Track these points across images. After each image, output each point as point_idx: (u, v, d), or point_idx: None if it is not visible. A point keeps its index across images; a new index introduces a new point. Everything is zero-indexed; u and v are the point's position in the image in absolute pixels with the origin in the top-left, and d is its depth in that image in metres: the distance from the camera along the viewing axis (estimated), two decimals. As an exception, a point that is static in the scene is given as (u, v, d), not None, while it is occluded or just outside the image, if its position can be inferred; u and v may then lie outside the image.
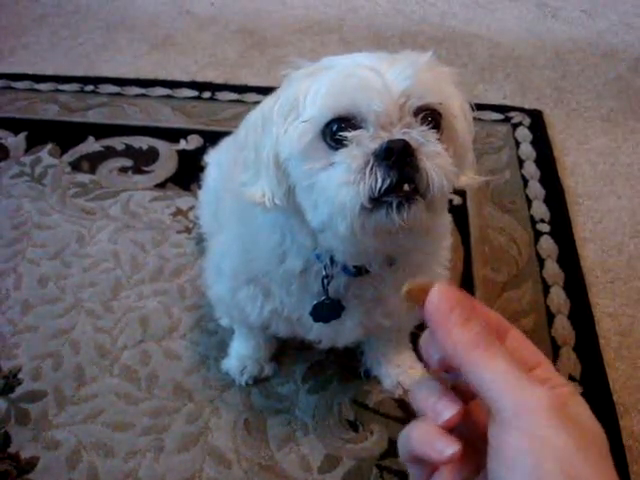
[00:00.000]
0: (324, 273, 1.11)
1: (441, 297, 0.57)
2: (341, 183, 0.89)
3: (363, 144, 0.89)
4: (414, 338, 1.59)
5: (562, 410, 0.51)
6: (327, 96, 0.91)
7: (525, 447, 0.50)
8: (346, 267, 1.10)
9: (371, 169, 0.88)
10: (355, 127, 0.91)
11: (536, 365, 0.57)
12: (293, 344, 1.59)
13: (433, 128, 0.92)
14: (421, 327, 1.51)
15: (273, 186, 1.00)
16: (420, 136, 0.89)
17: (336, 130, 0.91)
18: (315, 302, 1.17)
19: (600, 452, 0.51)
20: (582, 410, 0.54)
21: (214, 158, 1.72)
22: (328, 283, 1.12)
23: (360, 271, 1.11)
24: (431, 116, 0.93)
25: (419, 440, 0.56)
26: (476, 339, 0.55)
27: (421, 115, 0.92)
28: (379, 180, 0.88)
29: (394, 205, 0.89)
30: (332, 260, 1.09)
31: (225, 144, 1.68)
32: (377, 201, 0.89)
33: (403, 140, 0.88)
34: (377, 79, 0.90)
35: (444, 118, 0.95)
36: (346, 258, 1.07)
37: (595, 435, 0.53)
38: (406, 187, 0.88)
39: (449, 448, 0.54)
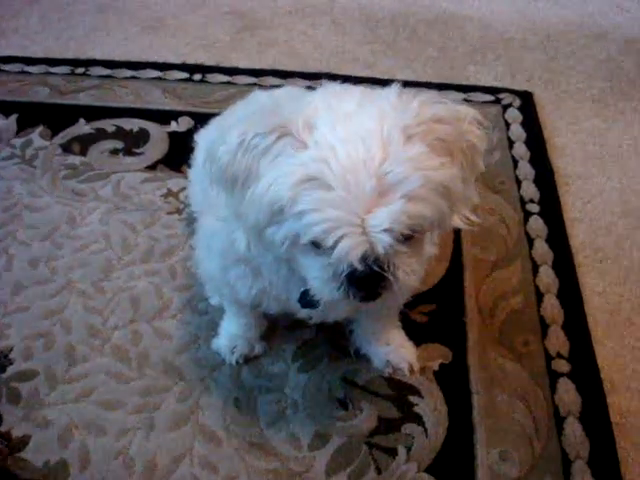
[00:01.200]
0: None
1: None
2: (319, 284, 1.03)
3: (339, 264, 0.97)
4: (403, 317, 1.60)
5: None
6: (313, 229, 0.92)
7: None
8: None
9: (345, 288, 1.00)
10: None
11: None
12: (283, 323, 1.60)
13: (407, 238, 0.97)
14: (409, 305, 1.53)
15: (252, 240, 1.09)
16: (393, 260, 0.97)
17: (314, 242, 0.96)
18: (302, 289, 1.19)
19: None
20: None
21: (204, 137, 1.72)
22: None
23: None
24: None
25: None
26: None
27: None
28: (351, 296, 1.01)
29: (363, 302, 1.06)
30: None
31: (215, 123, 1.69)
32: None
33: (374, 272, 0.97)
34: (361, 232, 0.91)
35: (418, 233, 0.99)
36: None
37: None
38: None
39: None
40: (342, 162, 0.90)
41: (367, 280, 0.98)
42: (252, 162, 0.98)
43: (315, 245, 0.96)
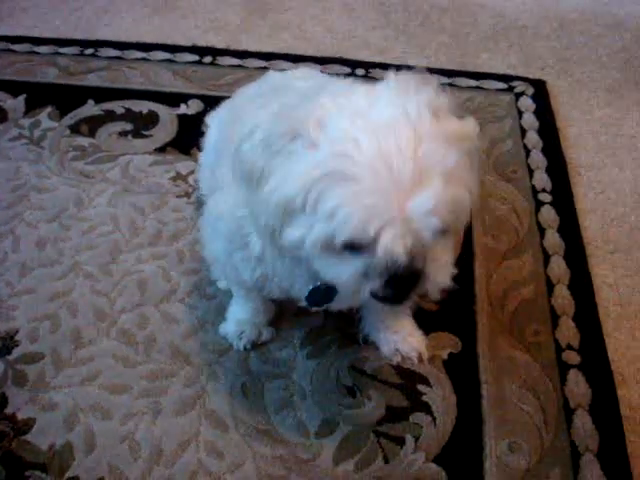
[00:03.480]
0: None
1: None
2: (352, 281, 0.98)
3: (379, 260, 0.92)
4: (413, 305, 1.58)
5: None
6: (349, 226, 0.89)
7: None
8: None
9: (380, 283, 0.96)
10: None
11: None
12: (291, 309, 1.59)
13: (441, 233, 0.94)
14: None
15: (266, 244, 1.10)
16: (431, 255, 0.95)
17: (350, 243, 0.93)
18: (311, 287, 1.19)
19: None
20: None
21: (214, 119, 1.71)
22: None
23: None
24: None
25: None
26: None
27: None
28: (385, 294, 0.99)
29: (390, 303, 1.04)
30: None
31: (225, 105, 1.68)
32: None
33: (415, 269, 0.94)
34: (398, 223, 0.88)
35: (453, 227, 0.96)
36: None
37: None
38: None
39: None
40: (368, 152, 0.88)
41: (407, 279, 0.95)
42: (265, 162, 0.97)
43: (349, 246, 0.93)
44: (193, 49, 2.56)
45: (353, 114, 0.93)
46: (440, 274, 0.97)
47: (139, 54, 2.52)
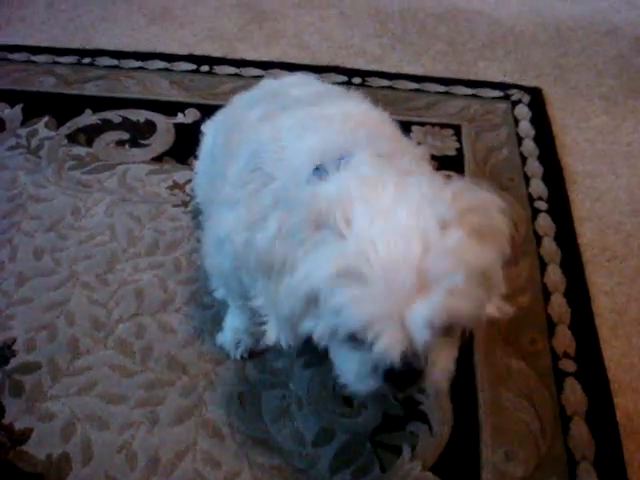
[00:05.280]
0: None
1: None
2: (353, 377, 1.02)
3: (376, 359, 0.93)
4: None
5: None
6: (351, 323, 0.90)
7: None
8: None
9: (380, 383, 0.97)
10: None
11: None
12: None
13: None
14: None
15: (284, 332, 1.06)
16: (430, 356, 0.95)
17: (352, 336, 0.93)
18: None
19: None
20: None
21: (210, 127, 1.72)
22: None
23: None
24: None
25: None
26: None
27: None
28: (385, 391, 1.01)
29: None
30: None
31: (221, 112, 1.69)
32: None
33: (412, 369, 0.94)
34: (398, 331, 0.88)
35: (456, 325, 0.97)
36: None
37: None
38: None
39: None
40: (382, 257, 0.88)
41: (404, 376, 0.96)
42: (289, 251, 0.97)
43: (353, 339, 0.94)
44: (190, 58, 2.56)
45: (376, 213, 0.93)
46: (438, 375, 0.98)
47: (136, 63, 2.52)
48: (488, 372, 1.54)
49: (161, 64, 2.52)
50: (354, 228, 0.92)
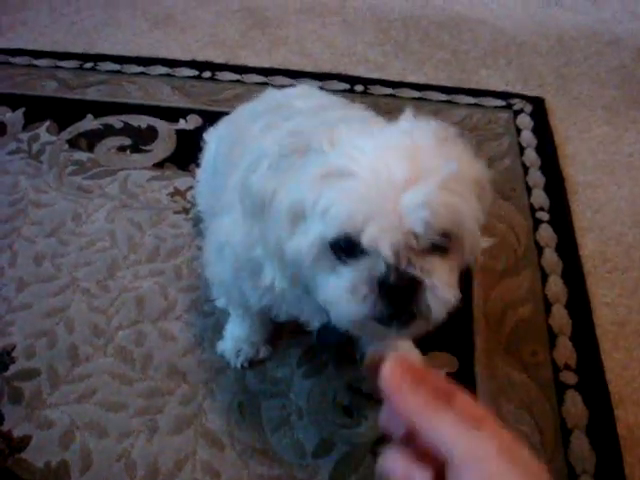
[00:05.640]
0: None
1: (392, 370, 0.63)
2: (344, 297, 0.92)
3: (368, 267, 0.90)
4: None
5: (509, 452, 0.55)
6: (339, 218, 0.88)
7: None
8: None
9: (373, 296, 0.90)
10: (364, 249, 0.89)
11: (482, 419, 0.60)
12: (289, 327, 1.58)
13: (440, 252, 0.92)
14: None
15: (279, 273, 1.04)
16: (427, 269, 0.90)
17: (345, 246, 0.90)
18: (319, 327, 1.19)
19: (538, 476, 0.56)
20: (525, 452, 0.58)
21: (213, 136, 1.72)
22: None
23: None
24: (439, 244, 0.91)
25: None
26: (425, 401, 0.60)
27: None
28: (377, 308, 0.91)
29: (392, 325, 0.94)
30: None
31: (224, 121, 1.69)
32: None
33: (409, 277, 0.89)
34: (391, 215, 0.85)
35: (452, 246, 0.93)
36: None
37: (539, 473, 0.57)
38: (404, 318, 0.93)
39: None
40: (369, 155, 0.88)
41: (400, 291, 0.90)
42: (277, 182, 0.97)
43: (341, 250, 0.91)
44: (192, 64, 2.56)
45: (366, 135, 0.94)
46: (441, 287, 0.90)
47: (138, 68, 2.52)
48: (489, 384, 1.54)
49: (163, 69, 2.52)
50: (340, 144, 0.93)
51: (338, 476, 1.37)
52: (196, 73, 2.51)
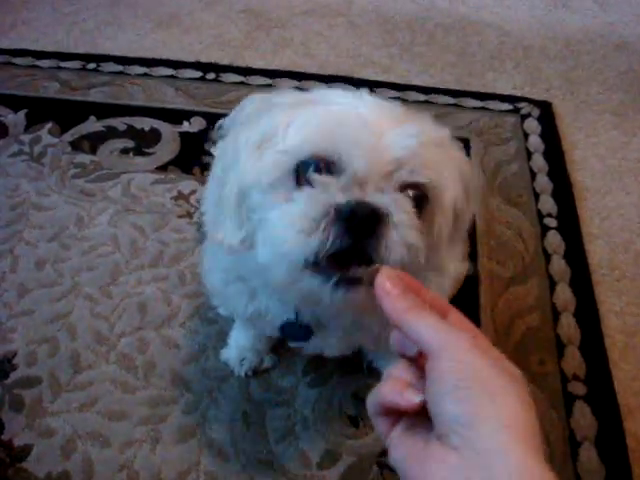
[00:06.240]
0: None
1: (386, 277, 0.68)
2: (291, 225, 0.82)
3: (329, 192, 0.82)
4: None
5: (481, 347, 0.61)
6: (312, 132, 0.84)
7: (452, 368, 0.60)
8: None
9: (327, 224, 0.80)
10: (330, 171, 0.84)
11: (471, 331, 0.67)
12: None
13: (415, 205, 0.85)
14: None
15: (233, 227, 0.95)
16: (392, 202, 0.82)
17: (311, 169, 0.84)
18: (282, 323, 1.13)
19: (512, 375, 0.61)
20: (498, 354, 0.63)
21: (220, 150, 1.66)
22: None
23: None
24: (415, 194, 0.86)
25: (390, 391, 0.65)
26: (411, 304, 0.65)
27: (405, 190, 0.85)
28: (330, 239, 0.80)
29: (332, 280, 0.83)
30: None
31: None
32: (318, 265, 0.83)
33: (371, 206, 0.81)
34: (371, 138, 0.82)
35: (430, 203, 0.88)
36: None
37: (508, 368, 0.63)
38: (352, 272, 0.82)
39: (416, 397, 0.63)
40: (350, 100, 0.89)
41: (359, 221, 0.80)
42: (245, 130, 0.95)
43: (304, 174, 0.85)
44: (196, 65, 2.54)
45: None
46: (397, 245, 0.81)
47: (141, 69, 2.49)
48: (497, 394, 1.51)
49: (166, 71, 2.50)
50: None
51: (344, 488, 1.35)
52: (200, 75, 2.48)
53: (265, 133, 0.90)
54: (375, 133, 0.83)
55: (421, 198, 0.87)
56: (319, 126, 0.85)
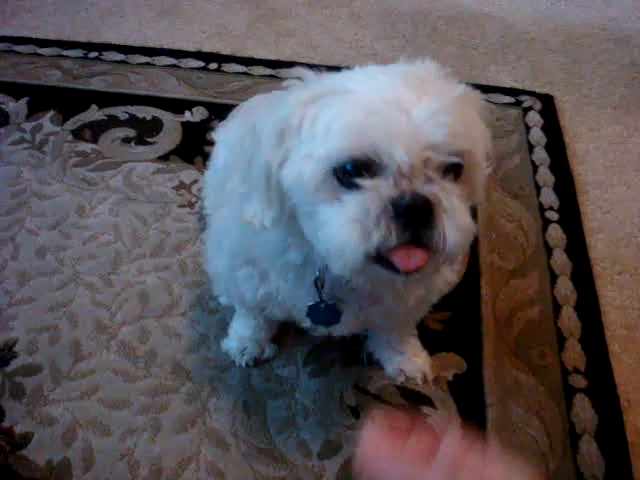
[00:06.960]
0: (317, 274, 1.07)
1: (369, 440, 0.71)
2: (350, 228, 0.83)
3: (381, 189, 0.83)
4: (418, 324, 1.55)
5: None
6: (345, 135, 0.83)
7: None
8: None
9: (387, 221, 0.82)
10: (371, 169, 0.84)
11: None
12: (295, 326, 1.56)
13: (454, 175, 0.87)
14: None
15: (263, 207, 0.96)
16: (442, 191, 0.84)
17: (351, 170, 0.84)
18: (310, 304, 1.13)
19: None
20: None
21: (223, 136, 1.65)
22: (322, 286, 1.08)
23: None
24: (453, 166, 0.86)
25: None
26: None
27: (445, 168, 0.86)
28: (393, 237, 0.82)
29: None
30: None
31: (234, 122, 1.63)
32: (382, 258, 0.85)
33: (425, 197, 0.82)
34: (403, 122, 0.81)
35: (465, 168, 0.88)
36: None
37: None
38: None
39: None
40: (368, 79, 0.88)
41: (416, 213, 0.82)
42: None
43: (346, 174, 0.84)
44: (198, 55, 2.53)
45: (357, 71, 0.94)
46: (453, 233, 0.84)
47: (144, 59, 2.49)
48: (497, 386, 1.51)
49: (169, 60, 2.49)
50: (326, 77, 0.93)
51: (344, 478, 1.35)
52: (202, 64, 2.48)
53: (286, 121, 0.89)
54: (404, 115, 0.82)
55: (459, 165, 0.87)
56: (350, 126, 0.83)
